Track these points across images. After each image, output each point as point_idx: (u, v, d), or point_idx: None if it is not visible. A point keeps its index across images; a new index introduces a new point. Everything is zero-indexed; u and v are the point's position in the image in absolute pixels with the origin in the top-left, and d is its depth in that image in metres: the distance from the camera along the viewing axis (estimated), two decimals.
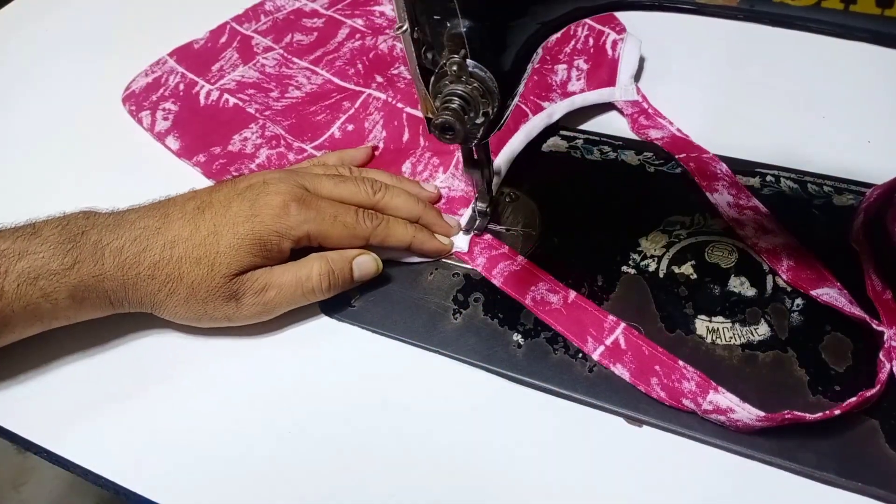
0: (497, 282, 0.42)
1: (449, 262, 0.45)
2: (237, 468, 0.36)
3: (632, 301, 0.41)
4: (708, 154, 0.48)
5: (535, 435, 0.36)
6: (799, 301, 0.40)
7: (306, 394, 0.39)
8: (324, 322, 0.42)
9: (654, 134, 0.51)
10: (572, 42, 0.57)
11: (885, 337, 0.36)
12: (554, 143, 0.52)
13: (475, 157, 0.42)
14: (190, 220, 0.40)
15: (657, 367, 0.37)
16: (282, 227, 0.40)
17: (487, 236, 0.45)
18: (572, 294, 0.41)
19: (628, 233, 0.44)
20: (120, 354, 0.42)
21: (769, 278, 0.41)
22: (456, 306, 0.42)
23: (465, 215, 0.46)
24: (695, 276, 0.42)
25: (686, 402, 0.36)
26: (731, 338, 0.39)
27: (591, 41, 0.57)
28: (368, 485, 0.35)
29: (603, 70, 0.55)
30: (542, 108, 0.51)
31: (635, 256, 0.43)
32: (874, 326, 0.37)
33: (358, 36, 0.63)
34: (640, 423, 0.36)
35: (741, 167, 0.48)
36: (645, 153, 0.50)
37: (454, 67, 0.35)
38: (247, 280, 0.40)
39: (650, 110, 0.53)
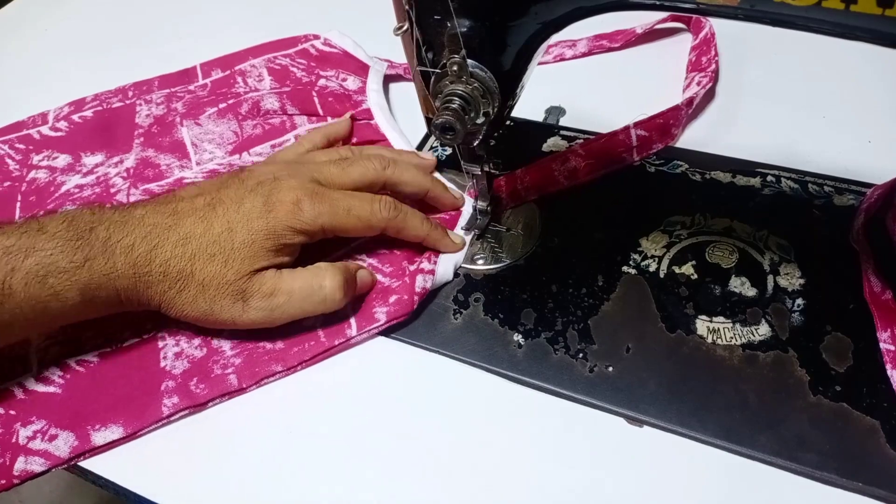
0: None
1: None
2: (236, 467, 0.36)
3: (632, 301, 0.41)
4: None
5: (535, 435, 0.36)
6: (800, 301, 0.40)
7: (305, 393, 0.39)
8: None
9: None
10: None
11: None
12: (554, 143, 0.52)
13: (476, 156, 0.42)
14: (202, 217, 0.39)
15: None
16: (296, 223, 0.39)
17: None
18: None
19: (629, 233, 0.44)
20: None
21: (770, 278, 0.41)
22: (456, 306, 0.42)
23: (465, 214, 0.46)
24: (695, 276, 0.42)
25: None
26: (731, 338, 0.39)
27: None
28: (365, 484, 0.35)
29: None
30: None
31: (636, 256, 0.43)
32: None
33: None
34: (640, 423, 0.36)
35: (741, 167, 0.48)
36: None
37: (454, 67, 0.35)
38: (256, 281, 0.39)
39: None
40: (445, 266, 0.43)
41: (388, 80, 0.60)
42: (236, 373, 0.39)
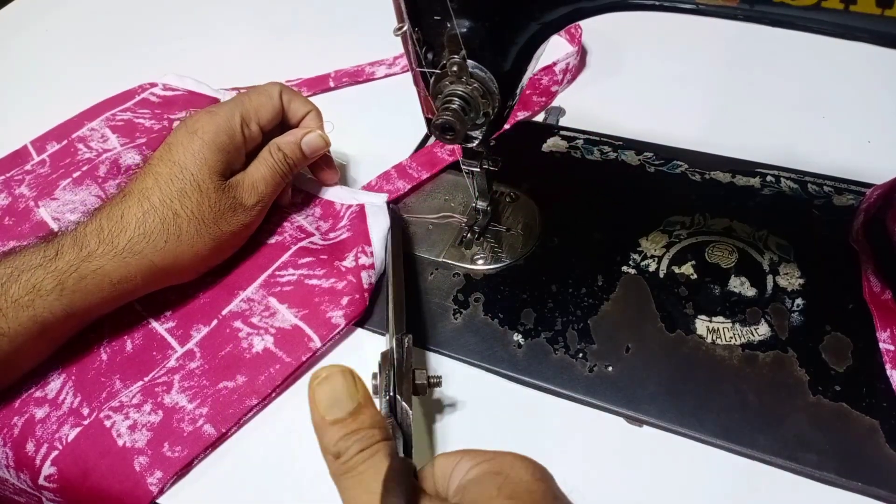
0: None
1: (449, 262, 0.45)
2: (236, 468, 0.36)
3: (632, 301, 0.41)
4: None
5: (535, 434, 0.36)
6: (799, 301, 0.40)
7: (303, 395, 0.39)
8: None
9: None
10: None
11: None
12: (554, 143, 0.52)
13: (475, 155, 0.42)
14: (142, 176, 0.40)
15: None
16: (222, 121, 0.42)
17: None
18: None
19: (628, 233, 0.44)
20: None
21: (769, 278, 0.41)
22: (456, 306, 0.42)
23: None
24: (695, 276, 0.42)
25: None
26: (731, 338, 0.39)
27: None
28: None
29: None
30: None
31: (635, 256, 0.43)
32: None
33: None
34: (639, 422, 0.36)
35: (741, 167, 0.48)
36: (645, 153, 0.50)
37: (454, 68, 0.35)
38: (236, 185, 0.41)
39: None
40: (379, 254, 0.44)
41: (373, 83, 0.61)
42: (209, 421, 0.37)
